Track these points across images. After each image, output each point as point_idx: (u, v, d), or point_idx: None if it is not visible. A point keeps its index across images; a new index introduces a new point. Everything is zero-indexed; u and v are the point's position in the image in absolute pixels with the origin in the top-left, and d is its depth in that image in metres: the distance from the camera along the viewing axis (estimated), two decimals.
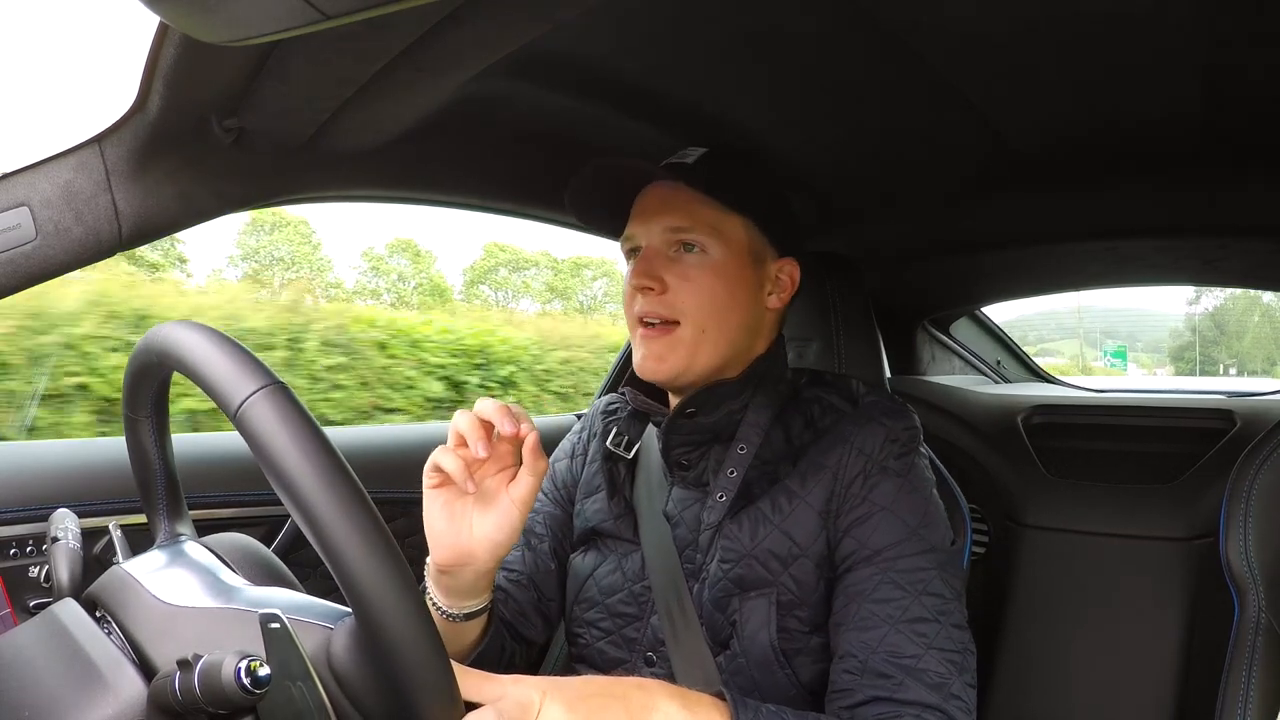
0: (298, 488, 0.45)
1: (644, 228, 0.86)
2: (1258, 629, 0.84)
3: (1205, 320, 25.14)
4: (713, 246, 0.84)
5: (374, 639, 0.45)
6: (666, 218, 0.85)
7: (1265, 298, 21.45)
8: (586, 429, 1.02)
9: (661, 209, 0.85)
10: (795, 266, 0.91)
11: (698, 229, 0.84)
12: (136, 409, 0.65)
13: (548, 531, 0.97)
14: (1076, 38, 0.86)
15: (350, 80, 0.76)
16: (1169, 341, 27.66)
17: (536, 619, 0.94)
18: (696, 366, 0.84)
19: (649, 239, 0.86)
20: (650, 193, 0.87)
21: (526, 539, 0.97)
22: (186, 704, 0.46)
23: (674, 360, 0.84)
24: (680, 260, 0.84)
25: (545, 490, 1.00)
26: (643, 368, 0.86)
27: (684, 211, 0.84)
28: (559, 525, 0.97)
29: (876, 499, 0.78)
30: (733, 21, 0.86)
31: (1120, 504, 1.45)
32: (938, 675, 0.70)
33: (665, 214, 0.85)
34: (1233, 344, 24.46)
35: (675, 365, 0.84)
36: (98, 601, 0.60)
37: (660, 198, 0.86)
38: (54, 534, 0.66)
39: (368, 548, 0.44)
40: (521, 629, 0.93)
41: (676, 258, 0.85)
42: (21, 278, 0.76)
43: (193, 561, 0.62)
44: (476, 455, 0.66)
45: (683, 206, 0.84)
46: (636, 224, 0.87)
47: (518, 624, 0.92)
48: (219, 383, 0.49)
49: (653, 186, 0.87)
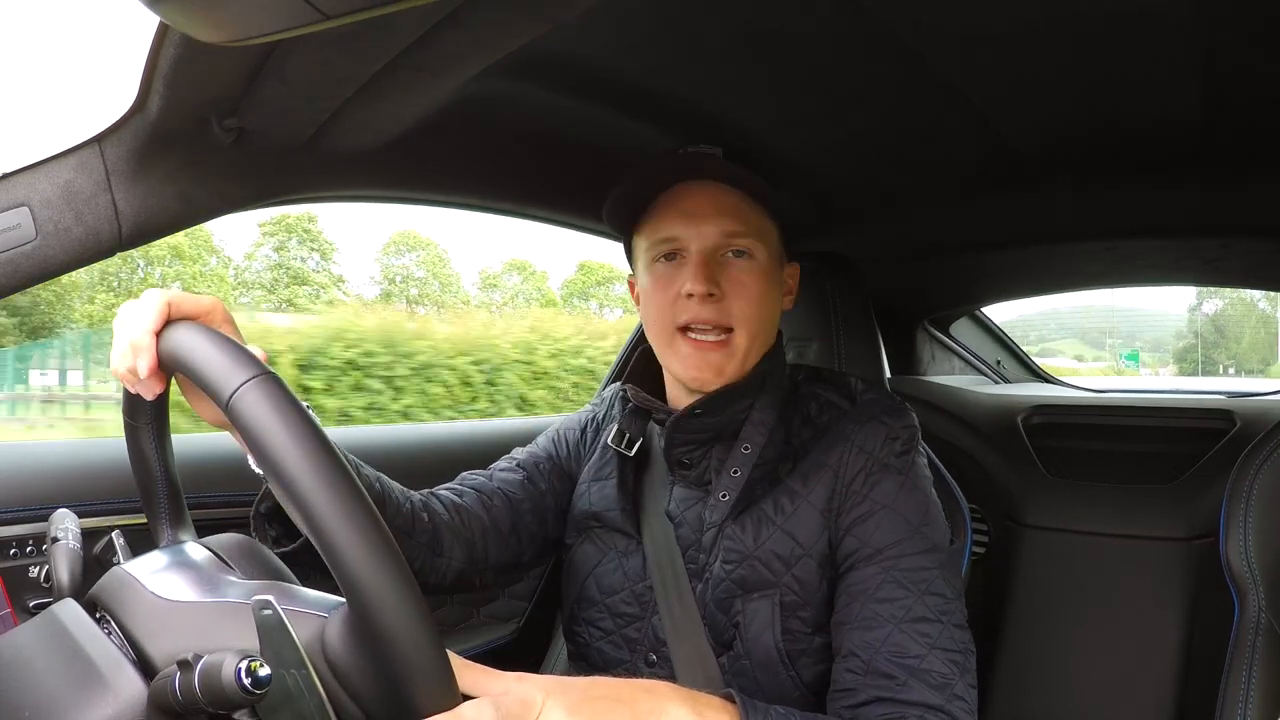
0: (289, 475, 0.45)
1: (695, 230, 0.82)
2: (1258, 629, 0.84)
3: (1206, 325, 26.44)
4: (759, 251, 0.83)
5: (367, 625, 0.45)
6: (722, 221, 0.82)
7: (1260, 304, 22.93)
8: (604, 409, 1.02)
9: (714, 211, 0.82)
10: (796, 268, 0.93)
11: (749, 234, 0.82)
12: (137, 416, 0.65)
13: (549, 486, 0.96)
14: (1077, 38, 0.86)
15: (350, 80, 0.76)
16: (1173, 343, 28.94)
17: (459, 548, 0.87)
18: (742, 373, 0.84)
19: (702, 242, 0.82)
20: (697, 192, 0.83)
21: (523, 471, 0.96)
22: (187, 704, 0.46)
23: (730, 371, 0.83)
24: (730, 265, 0.83)
25: (553, 454, 1.00)
26: (700, 379, 0.83)
27: (735, 215, 0.82)
28: (560, 488, 0.97)
29: (878, 497, 0.78)
30: (733, 21, 0.85)
31: (1120, 504, 1.45)
32: (941, 676, 0.70)
33: (720, 217, 0.82)
34: (1231, 346, 25.81)
35: (729, 375, 0.83)
36: (98, 603, 0.60)
37: (709, 199, 0.83)
38: (54, 534, 0.67)
39: (359, 534, 0.44)
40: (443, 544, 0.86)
41: (726, 262, 0.83)
42: (21, 278, 0.76)
43: (193, 562, 0.62)
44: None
45: (731, 210, 0.82)
46: (683, 225, 0.83)
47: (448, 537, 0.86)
48: (211, 374, 0.50)
49: (698, 186, 0.84)
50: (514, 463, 0.98)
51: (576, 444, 1.00)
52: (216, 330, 0.55)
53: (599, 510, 0.91)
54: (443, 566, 0.86)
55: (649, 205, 0.87)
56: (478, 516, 0.90)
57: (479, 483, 0.94)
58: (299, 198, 1.00)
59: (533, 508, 0.94)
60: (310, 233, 32.68)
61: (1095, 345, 27.13)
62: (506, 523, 0.92)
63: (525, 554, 0.94)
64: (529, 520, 0.93)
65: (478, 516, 0.90)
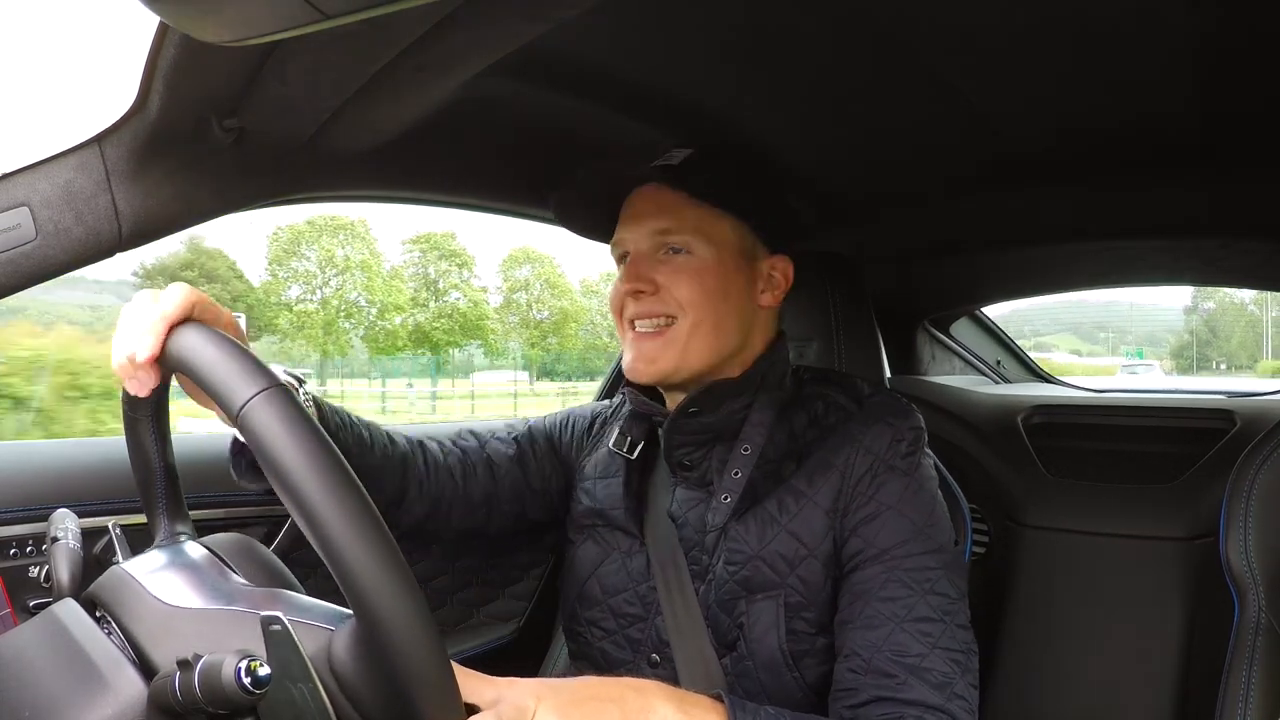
0: (299, 490, 0.45)
1: (632, 232, 0.86)
2: (1258, 629, 0.84)
3: (1201, 326, 28.12)
4: (699, 247, 0.84)
5: (375, 641, 0.45)
6: (653, 221, 0.85)
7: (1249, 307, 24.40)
8: (613, 409, 1.03)
9: (647, 212, 0.85)
10: (788, 263, 0.91)
11: (683, 231, 0.84)
12: (137, 408, 0.65)
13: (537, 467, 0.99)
14: (1076, 37, 0.86)
15: (350, 80, 0.76)
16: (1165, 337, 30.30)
17: (422, 504, 0.91)
18: (688, 365, 0.84)
19: (637, 243, 0.86)
20: (638, 196, 0.87)
21: (516, 446, 0.98)
22: (186, 704, 0.46)
23: (664, 361, 0.84)
24: (669, 261, 0.85)
25: (556, 436, 1.02)
26: (633, 369, 0.86)
27: (670, 214, 0.84)
28: (549, 471, 0.99)
29: (883, 498, 0.78)
30: (733, 21, 0.86)
31: (1120, 504, 1.45)
32: (941, 675, 0.70)
33: (652, 217, 0.85)
34: (1223, 345, 27.49)
35: (665, 366, 0.84)
36: (97, 601, 0.60)
37: (647, 201, 0.86)
38: (54, 534, 0.66)
39: (369, 550, 0.44)
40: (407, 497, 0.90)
41: (665, 259, 0.85)
42: (21, 278, 0.76)
43: (192, 561, 0.62)
44: None
45: (669, 209, 0.84)
46: (625, 228, 0.87)
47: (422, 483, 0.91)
48: (221, 384, 0.49)
49: (641, 189, 0.87)
50: (513, 435, 1.01)
51: (582, 434, 1.01)
52: (229, 337, 0.54)
53: (603, 509, 0.92)
54: (402, 518, 0.90)
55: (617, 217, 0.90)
56: (453, 482, 0.93)
57: (470, 446, 0.97)
58: (299, 198, 1.00)
59: (512, 484, 0.97)
60: (452, 249, 36.69)
61: (1089, 339, 28.07)
62: (480, 493, 0.95)
63: (491, 525, 0.97)
64: (504, 495, 0.96)
65: (453, 482, 0.93)
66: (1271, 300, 23.77)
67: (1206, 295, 26.13)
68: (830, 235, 1.53)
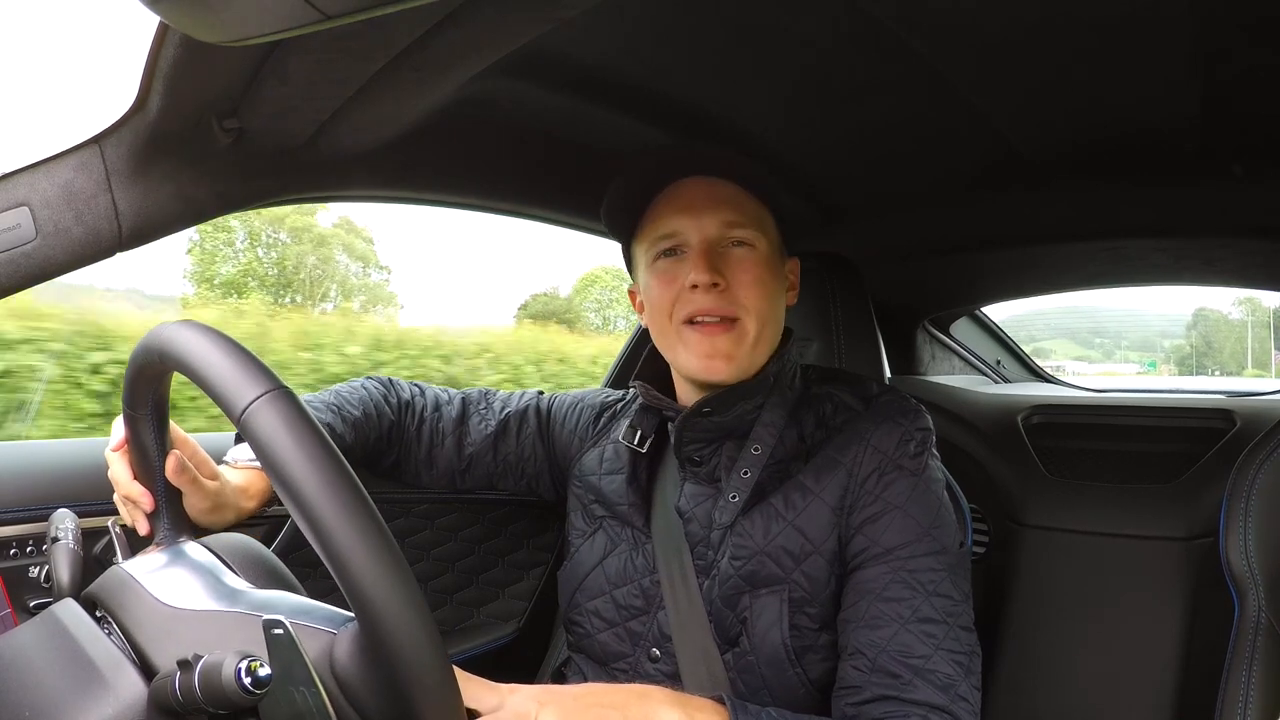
0: (301, 493, 0.45)
1: (694, 222, 0.82)
2: (1258, 629, 0.84)
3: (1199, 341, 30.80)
4: (759, 242, 0.83)
5: (377, 644, 0.45)
6: (721, 212, 0.82)
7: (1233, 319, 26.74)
8: (623, 402, 1.03)
9: (713, 203, 0.82)
10: (796, 264, 0.92)
11: (748, 224, 0.82)
12: (136, 406, 0.64)
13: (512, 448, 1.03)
14: (1077, 38, 0.86)
15: (350, 80, 0.76)
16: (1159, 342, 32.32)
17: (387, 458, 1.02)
18: (753, 365, 0.83)
19: (702, 233, 0.82)
20: (688, 187, 0.84)
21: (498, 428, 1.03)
22: (187, 704, 0.46)
23: (739, 358, 0.81)
24: (731, 255, 0.82)
25: (552, 419, 1.04)
26: (709, 367, 0.82)
27: (733, 206, 0.82)
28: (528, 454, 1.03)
29: (890, 498, 0.78)
30: (733, 21, 0.86)
31: (1120, 504, 1.45)
32: (946, 676, 0.70)
33: (718, 208, 0.82)
34: (1216, 355, 30.21)
35: (740, 364, 0.82)
36: (98, 601, 0.60)
37: (708, 191, 0.83)
38: (54, 534, 0.66)
39: (371, 554, 0.44)
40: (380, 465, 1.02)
41: (726, 253, 0.82)
42: (22, 278, 0.76)
43: (193, 562, 0.62)
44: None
45: (728, 201, 0.83)
46: (682, 218, 0.83)
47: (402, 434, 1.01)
48: (223, 386, 0.49)
49: (688, 181, 0.84)
50: (505, 415, 1.04)
51: (588, 424, 1.01)
52: (231, 338, 0.53)
53: (611, 501, 0.91)
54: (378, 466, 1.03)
55: (647, 207, 0.87)
56: (419, 450, 1.02)
57: (448, 423, 1.03)
58: (299, 198, 1.00)
59: (475, 461, 1.03)
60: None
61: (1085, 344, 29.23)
62: (444, 462, 1.03)
63: (437, 484, 1.05)
64: (460, 469, 1.03)
65: (419, 450, 1.02)
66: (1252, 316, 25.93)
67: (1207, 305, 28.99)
68: (830, 235, 1.53)
